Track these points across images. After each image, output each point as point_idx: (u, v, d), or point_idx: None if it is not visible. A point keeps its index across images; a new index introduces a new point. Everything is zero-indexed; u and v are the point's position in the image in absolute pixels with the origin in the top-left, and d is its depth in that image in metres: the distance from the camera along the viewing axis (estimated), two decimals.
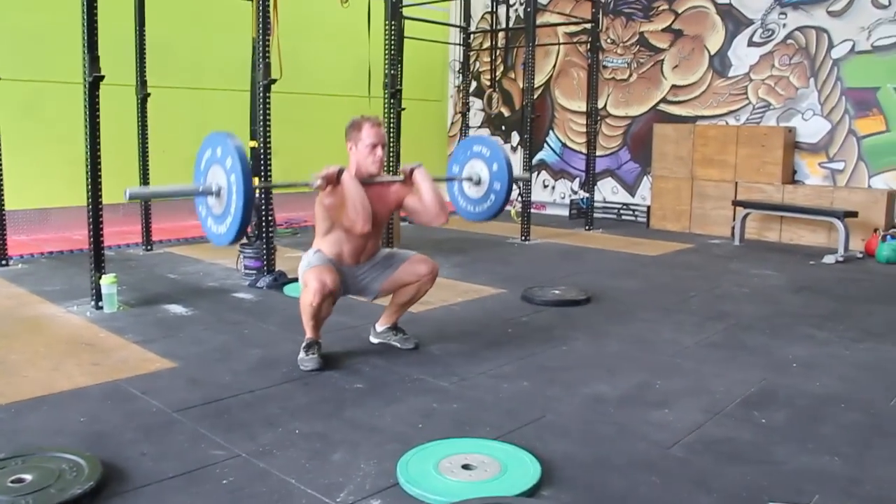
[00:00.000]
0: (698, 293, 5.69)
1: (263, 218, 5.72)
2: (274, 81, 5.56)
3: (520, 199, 8.25)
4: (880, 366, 4.00)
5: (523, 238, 8.02)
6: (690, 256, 7.40)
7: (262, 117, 5.60)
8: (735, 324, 4.79)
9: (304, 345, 3.84)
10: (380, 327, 4.17)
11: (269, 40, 5.55)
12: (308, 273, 3.69)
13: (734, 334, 4.56)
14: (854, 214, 7.53)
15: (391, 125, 6.60)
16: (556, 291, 5.39)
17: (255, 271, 5.79)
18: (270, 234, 5.77)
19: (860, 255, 7.48)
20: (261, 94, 5.57)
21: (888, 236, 7.35)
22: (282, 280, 5.61)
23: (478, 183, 4.41)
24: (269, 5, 5.58)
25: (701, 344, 4.34)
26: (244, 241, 6.02)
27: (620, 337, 4.46)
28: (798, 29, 8.54)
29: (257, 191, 5.66)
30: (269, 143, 5.63)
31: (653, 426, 3.11)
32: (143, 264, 6.41)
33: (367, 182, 3.78)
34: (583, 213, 9.34)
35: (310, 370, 3.72)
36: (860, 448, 2.93)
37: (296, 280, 5.64)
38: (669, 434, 3.02)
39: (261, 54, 5.50)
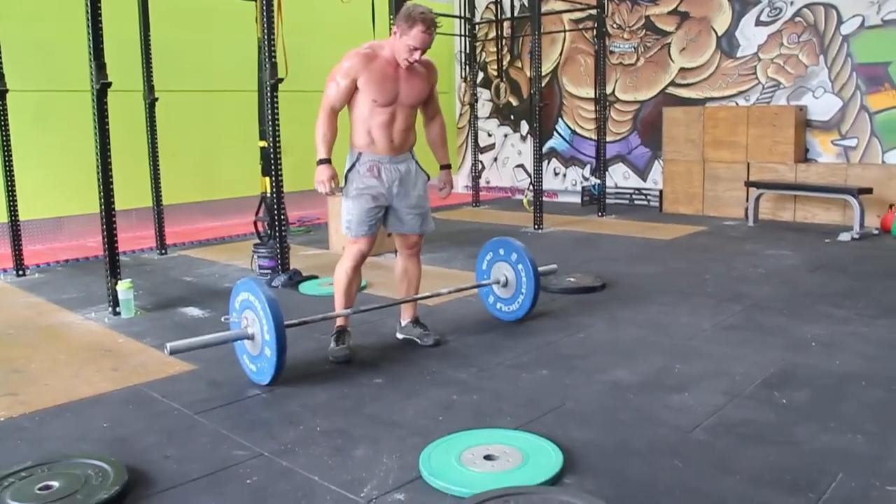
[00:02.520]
0: (714, 275, 5.67)
1: (276, 217, 5.73)
2: (280, 81, 5.57)
3: (531, 187, 8.23)
4: None
5: (536, 227, 8.00)
6: (704, 239, 7.37)
7: (270, 117, 5.61)
8: (752, 305, 4.77)
9: (333, 335, 3.87)
10: (403, 322, 4.18)
11: (274, 40, 5.56)
12: (348, 243, 3.89)
13: (751, 316, 4.54)
14: (869, 191, 7.47)
15: None
16: (572, 279, 5.38)
17: (269, 271, 5.81)
18: (284, 233, 5.78)
19: (876, 232, 7.43)
20: (268, 94, 5.58)
21: None
22: (297, 278, 5.63)
23: (505, 285, 4.49)
24: (272, 5, 5.58)
25: (718, 326, 4.32)
26: (257, 241, 6.05)
27: (637, 322, 4.45)
28: (806, 6, 8.47)
29: (267, 201, 5.70)
30: (279, 142, 5.64)
31: (673, 411, 3.11)
32: (158, 268, 6.44)
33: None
34: (595, 200, 9.31)
35: (340, 361, 3.76)
36: (883, 425, 2.91)
37: (311, 278, 5.67)
38: (690, 418, 3.02)
39: (266, 54, 5.50)
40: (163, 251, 7.06)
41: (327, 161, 3.73)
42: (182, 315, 4.88)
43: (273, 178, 5.67)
